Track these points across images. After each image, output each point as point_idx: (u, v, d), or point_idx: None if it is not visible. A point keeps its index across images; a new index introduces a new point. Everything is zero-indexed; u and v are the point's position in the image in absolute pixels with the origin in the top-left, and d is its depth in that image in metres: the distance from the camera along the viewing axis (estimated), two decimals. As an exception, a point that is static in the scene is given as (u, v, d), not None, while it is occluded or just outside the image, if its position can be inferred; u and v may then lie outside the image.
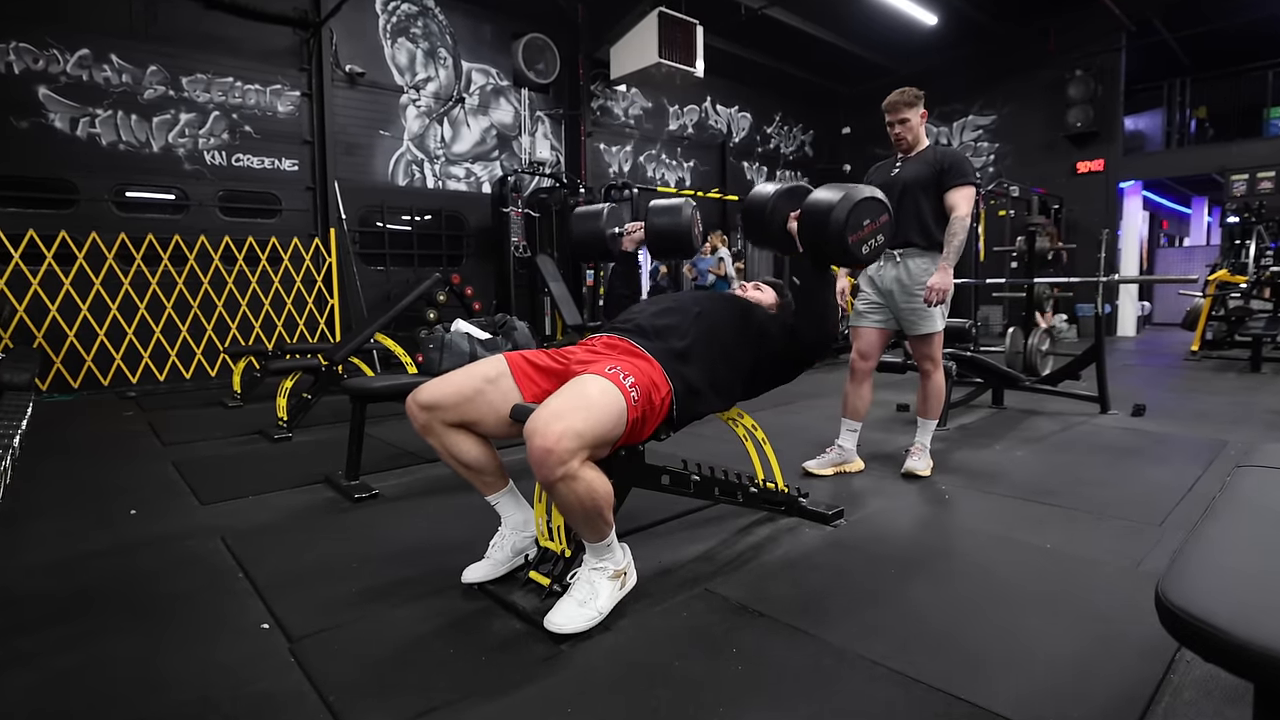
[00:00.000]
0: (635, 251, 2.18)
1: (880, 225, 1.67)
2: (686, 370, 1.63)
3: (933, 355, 2.58)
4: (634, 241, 2.15)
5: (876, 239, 1.68)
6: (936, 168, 2.46)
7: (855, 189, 1.65)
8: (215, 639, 1.49)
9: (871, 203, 1.65)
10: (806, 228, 1.68)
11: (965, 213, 2.41)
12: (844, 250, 1.62)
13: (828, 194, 1.64)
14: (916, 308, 2.50)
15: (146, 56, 5.29)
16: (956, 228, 2.40)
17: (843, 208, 1.59)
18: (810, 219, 1.66)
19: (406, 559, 1.88)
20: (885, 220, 1.68)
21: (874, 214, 1.65)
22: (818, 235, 1.65)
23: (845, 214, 1.59)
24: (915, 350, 2.63)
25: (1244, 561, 0.85)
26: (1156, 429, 3.37)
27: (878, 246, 1.70)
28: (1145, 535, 1.99)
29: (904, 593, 1.67)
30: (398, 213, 6.75)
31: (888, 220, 1.70)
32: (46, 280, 4.87)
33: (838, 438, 2.66)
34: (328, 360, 3.65)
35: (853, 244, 1.62)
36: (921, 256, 2.50)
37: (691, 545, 1.94)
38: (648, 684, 1.28)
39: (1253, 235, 6.30)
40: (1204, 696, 1.21)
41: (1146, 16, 8.18)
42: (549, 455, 1.30)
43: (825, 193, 1.65)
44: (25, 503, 2.41)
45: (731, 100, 9.67)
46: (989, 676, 1.29)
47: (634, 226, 2.15)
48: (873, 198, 1.65)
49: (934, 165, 2.47)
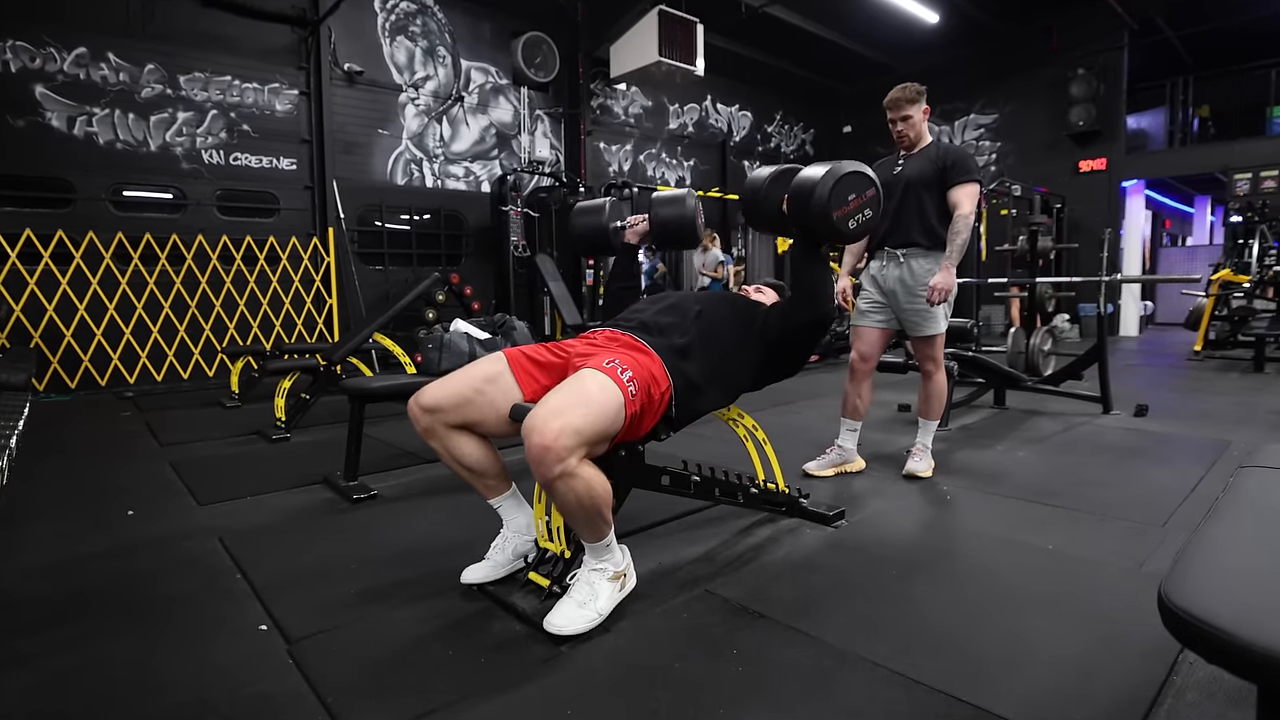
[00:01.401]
0: (638, 246, 2.16)
1: (866, 200, 1.67)
2: (687, 366, 1.62)
3: (935, 356, 2.57)
4: (637, 235, 2.12)
5: (863, 214, 1.67)
6: (939, 165, 2.43)
7: (840, 165, 1.65)
8: (213, 640, 1.48)
9: (856, 177, 1.64)
10: (794, 207, 1.69)
11: (969, 211, 2.38)
12: (829, 226, 1.62)
13: (812, 171, 1.65)
14: (919, 308, 2.49)
15: (144, 55, 5.28)
16: (960, 226, 2.37)
17: (825, 184, 1.60)
18: (797, 197, 1.67)
19: (405, 560, 1.87)
20: (872, 195, 1.68)
21: (859, 189, 1.65)
22: (804, 213, 1.65)
23: (828, 190, 1.59)
24: (917, 351, 2.61)
25: (1247, 562, 0.85)
26: (1159, 429, 3.36)
27: (865, 221, 1.69)
28: (1148, 536, 1.98)
29: (905, 594, 1.66)
30: (396, 212, 6.74)
31: (874, 195, 1.69)
32: (43, 280, 4.86)
33: (837, 438, 2.65)
34: (326, 360, 3.64)
35: (838, 219, 1.62)
36: (925, 256, 2.48)
37: (692, 546, 1.93)
38: (648, 685, 1.27)
39: (1256, 234, 6.28)
40: (1207, 698, 1.20)
41: (1149, 15, 8.16)
42: (547, 453, 1.29)
43: (810, 170, 1.66)
44: (22, 504, 2.41)
45: (732, 99, 9.65)
46: (991, 678, 1.28)
47: (636, 219, 2.13)
48: (857, 172, 1.65)
49: (937, 162, 2.44)
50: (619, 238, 2.14)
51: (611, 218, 2.14)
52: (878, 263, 2.60)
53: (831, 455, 2.62)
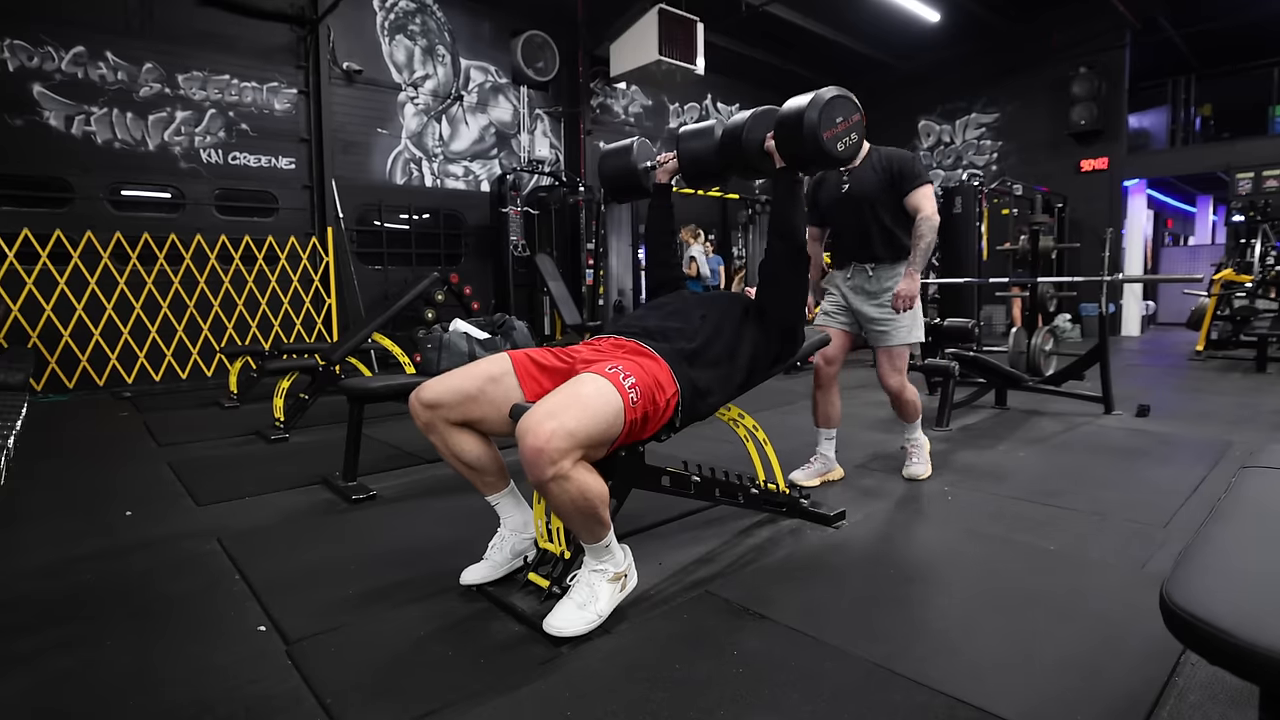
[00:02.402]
0: (670, 186, 2.09)
1: (853, 123, 1.68)
2: (695, 373, 1.62)
3: (899, 368, 2.46)
4: (668, 173, 2.05)
5: (850, 136, 1.68)
6: (886, 174, 2.36)
7: (824, 90, 1.67)
8: (211, 641, 1.47)
9: (841, 100, 1.66)
10: (782, 137, 1.70)
11: (930, 211, 2.30)
12: (819, 149, 1.63)
13: (798, 100, 1.67)
14: (884, 315, 2.42)
15: (142, 53, 5.27)
16: (924, 229, 2.29)
17: (814, 107, 1.61)
18: (784, 125, 1.68)
19: (404, 560, 1.87)
20: (857, 119, 1.70)
21: (846, 112, 1.67)
22: (793, 140, 1.66)
23: (817, 113, 1.61)
24: (881, 366, 2.49)
25: (1249, 563, 0.85)
26: (1161, 429, 3.35)
27: (852, 144, 1.70)
28: (1150, 537, 1.98)
29: (907, 595, 1.66)
30: (395, 211, 6.73)
31: (859, 119, 1.71)
32: (41, 280, 4.85)
33: (818, 446, 2.58)
34: (325, 360, 3.63)
35: (827, 140, 1.63)
36: (892, 267, 2.42)
37: (692, 547, 1.92)
38: (648, 687, 1.26)
39: (1258, 234, 6.26)
40: (1209, 700, 1.20)
41: (1151, 13, 8.14)
42: (539, 455, 1.28)
43: (795, 100, 1.68)
44: (20, 504, 2.40)
45: (732, 97, 9.64)
46: (992, 679, 1.27)
47: (667, 156, 2.05)
48: (841, 96, 1.67)
49: (883, 172, 2.36)
50: (650, 179, 2.06)
51: (640, 158, 2.06)
52: (844, 273, 2.53)
53: (816, 465, 2.56)
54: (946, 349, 3.71)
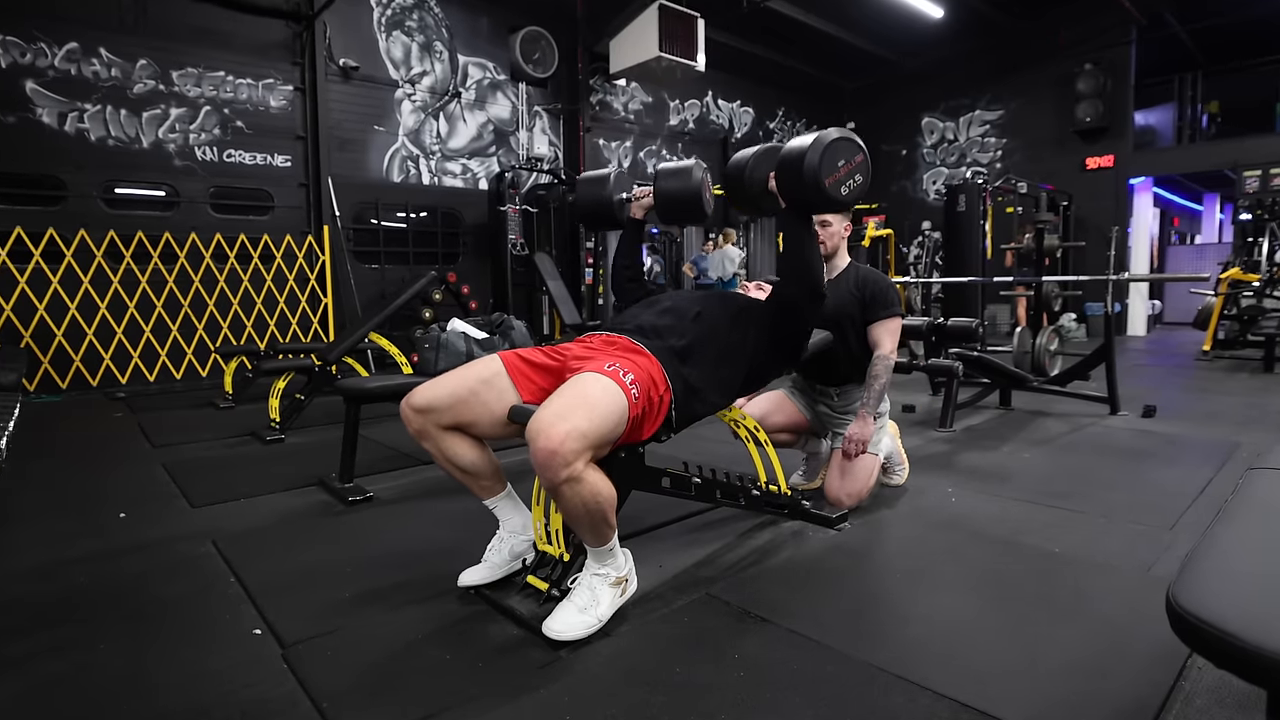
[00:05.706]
0: (644, 220, 2.08)
1: (856, 165, 1.65)
2: (686, 370, 1.60)
3: (859, 494, 2.17)
4: (642, 208, 2.03)
5: (854, 179, 1.65)
6: (859, 296, 2.24)
7: (826, 132, 1.63)
8: (206, 645, 1.46)
9: (844, 143, 1.62)
10: (783, 179, 1.67)
11: (889, 350, 2.18)
12: (820, 193, 1.60)
13: (799, 142, 1.64)
14: (840, 433, 2.28)
15: (136, 50, 5.23)
16: (879, 369, 2.16)
17: (815, 151, 1.58)
18: (785, 169, 1.65)
19: (401, 563, 1.85)
20: (860, 160, 1.65)
21: (849, 155, 1.63)
22: (795, 183, 1.63)
23: (818, 157, 1.58)
24: (831, 476, 2.21)
25: (1257, 565, 0.84)
26: (1167, 430, 3.33)
27: (856, 187, 1.66)
28: (1156, 539, 1.96)
29: (910, 597, 1.65)
30: (392, 210, 6.70)
31: (863, 160, 1.67)
32: (34, 278, 4.81)
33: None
34: (321, 360, 3.61)
35: (829, 185, 1.60)
36: (859, 388, 2.30)
37: (693, 549, 1.91)
38: (648, 690, 1.25)
39: (1266, 232, 6.25)
40: (1216, 704, 1.19)
41: (1157, 9, 8.10)
42: (554, 457, 1.26)
43: (797, 141, 1.65)
44: (12, 506, 2.38)
45: (733, 95, 9.61)
46: (996, 683, 1.26)
47: (643, 191, 2.03)
48: (843, 138, 1.63)
49: (856, 293, 2.24)
50: (624, 211, 2.05)
51: (617, 189, 2.04)
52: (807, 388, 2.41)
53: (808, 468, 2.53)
54: (950, 349, 3.69)
